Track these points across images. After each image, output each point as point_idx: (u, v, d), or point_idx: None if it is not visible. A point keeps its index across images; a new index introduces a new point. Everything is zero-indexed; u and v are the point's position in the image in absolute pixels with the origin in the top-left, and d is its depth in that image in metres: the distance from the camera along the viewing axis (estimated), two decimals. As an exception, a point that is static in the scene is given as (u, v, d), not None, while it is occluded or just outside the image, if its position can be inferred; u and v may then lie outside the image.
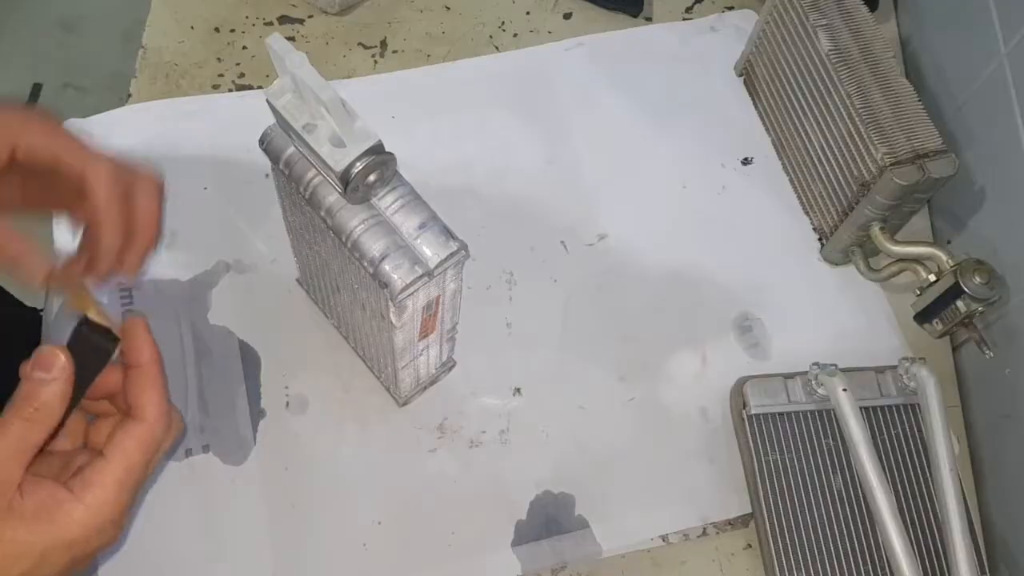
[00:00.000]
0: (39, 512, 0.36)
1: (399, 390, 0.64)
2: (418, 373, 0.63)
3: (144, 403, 0.40)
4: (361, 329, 0.61)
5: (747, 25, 0.85)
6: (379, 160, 0.48)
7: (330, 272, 0.59)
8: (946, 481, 0.61)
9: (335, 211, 0.50)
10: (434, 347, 0.61)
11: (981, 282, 0.63)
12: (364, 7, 0.86)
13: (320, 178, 0.50)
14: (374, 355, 0.63)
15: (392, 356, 0.58)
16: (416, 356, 0.60)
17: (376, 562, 0.61)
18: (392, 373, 0.62)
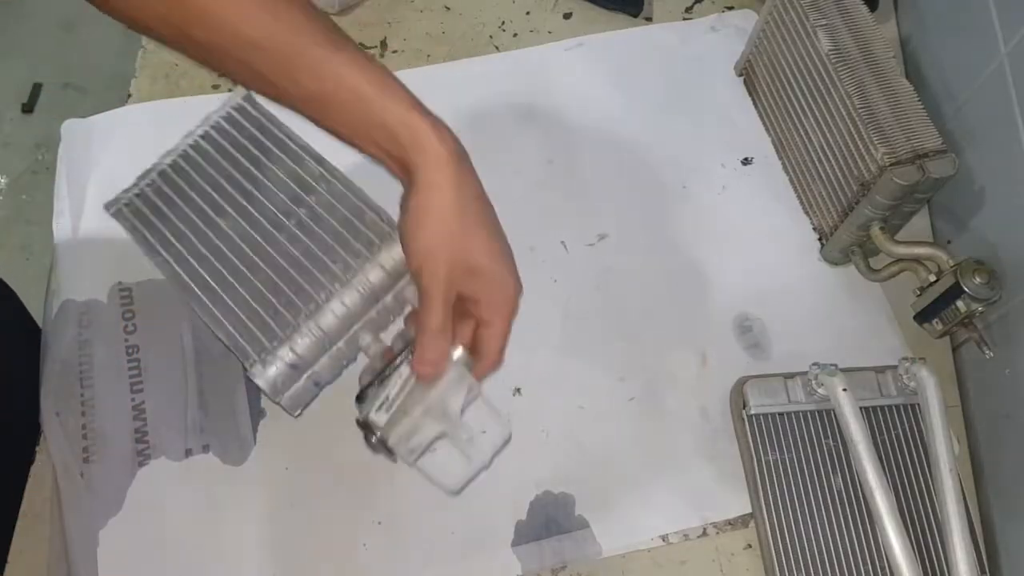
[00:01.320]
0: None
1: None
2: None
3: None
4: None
5: (747, 25, 0.85)
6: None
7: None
8: (946, 481, 0.61)
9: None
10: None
11: (981, 282, 0.63)
12: (364, 7, 0.86)
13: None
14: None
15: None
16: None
17: (376, 562, 0.61)
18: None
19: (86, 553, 0.60)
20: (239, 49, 0.46)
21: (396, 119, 0.46)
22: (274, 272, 0.57)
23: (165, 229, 0.63)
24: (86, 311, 0.68)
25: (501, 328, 0.50)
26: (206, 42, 0.46)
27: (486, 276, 0.49)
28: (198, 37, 0.46)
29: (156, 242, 0.62)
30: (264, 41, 0.46)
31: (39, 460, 0.63)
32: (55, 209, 0.73)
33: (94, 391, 0.65)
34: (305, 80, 0.46)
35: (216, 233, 0.62)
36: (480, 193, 0.49)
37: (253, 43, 0.46)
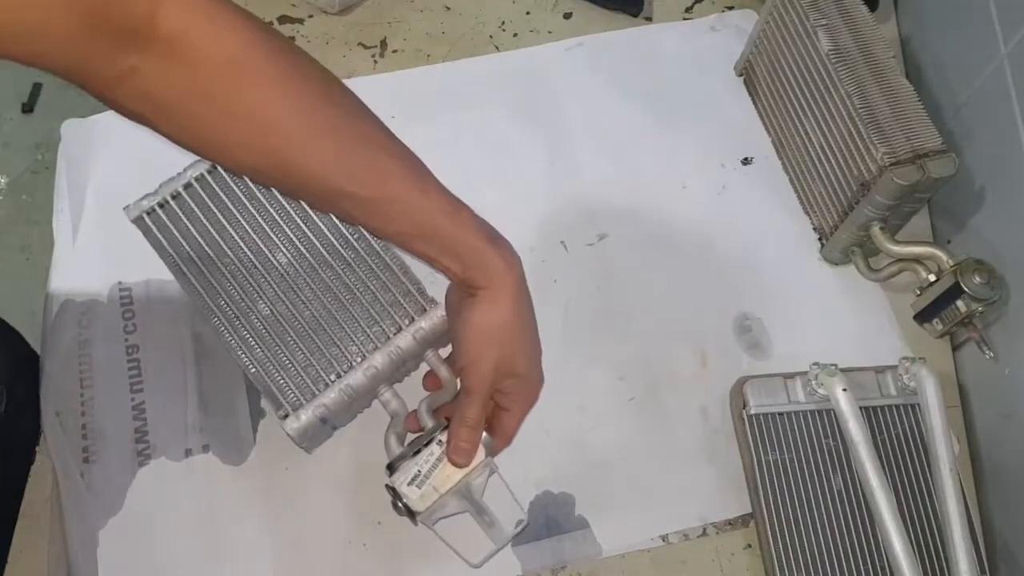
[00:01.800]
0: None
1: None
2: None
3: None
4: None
5: (747, 25, 0.85)
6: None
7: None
8: (946, 481, 0.61)
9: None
10: None
11: (981, 282, 0.63)
12: (364, 7, 0.86)
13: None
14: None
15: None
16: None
17: (376, 562, 0.61)
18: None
19: (86, 553, 0.60)
20: (331, 195, 0.48)
21: (469, 249, 0.51)
22: (308, 325, 0.60)
23: (191, 249, 0.62)
24: (86, 311, 0.68)
25: (520, 415, 0.57)
26: (298, 188, 0.49)
27: (521, 378, 0.55)
28: (290, 184, 0.49)
29: (179, 259, 0.62)
30: (355, 189, 0.48)
31: (39, 460, 0.63)
32: (55, 209, 0.73)
33: (94, 391, 0.65)
34: (395, 222, 0.50)
35: (248, 268, 0.61)
36: (531, 311, 0.55)
37: (344, 192, 0.48)
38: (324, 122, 0.46)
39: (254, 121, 0.45)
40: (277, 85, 0.44)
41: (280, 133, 0.45)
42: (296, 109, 0.45)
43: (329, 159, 0.47)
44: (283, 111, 0.45)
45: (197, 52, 0.42)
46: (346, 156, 0.47)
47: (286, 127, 0.45)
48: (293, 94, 0.45)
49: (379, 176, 0.49)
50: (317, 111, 0.46)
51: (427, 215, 0.50)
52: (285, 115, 0.45)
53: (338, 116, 0.47)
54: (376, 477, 0.63)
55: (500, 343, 0.53)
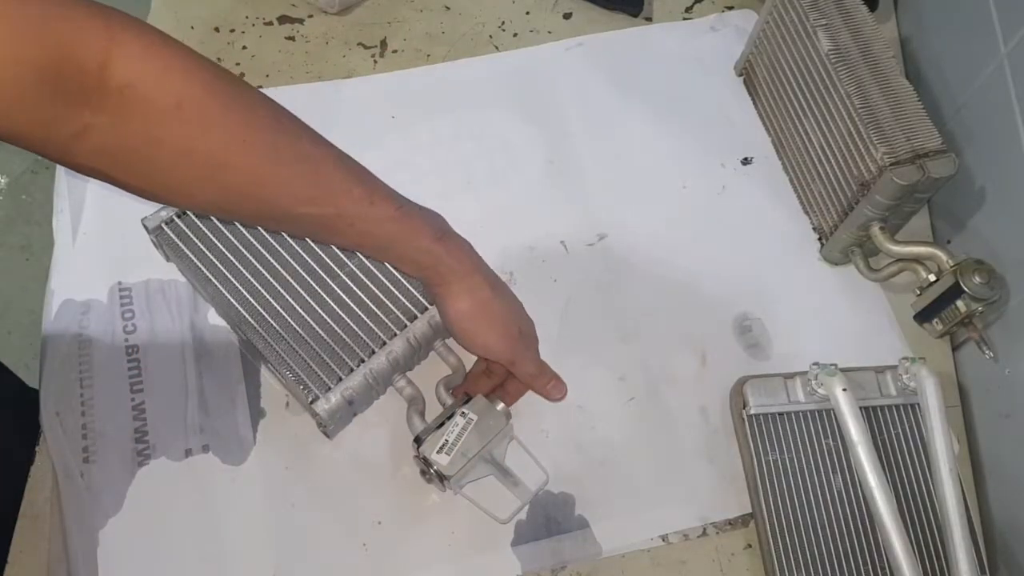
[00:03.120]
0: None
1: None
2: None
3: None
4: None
5: (747, 25, 0.85)
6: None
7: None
8: (946, 481, 0.61)
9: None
10: None
11: (981, 282, 0.63)
12: (364, 7, 0.86)
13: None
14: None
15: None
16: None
17: (376, 562, 0.61)
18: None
19: (86, 553, 0.60)
20: (286, 219, 0.51)
21: (420, 252, 0.56)
22: (331, 318, 0.63)
23: (212, 255, 0.65)
24: (86, 311, 0.68)
25: (522, 383, 0.64)
26: (253, 216, 0.54)
27: (523, 331, 0.62)
28: (247, 212, 0.51)
29: (204, 267, 0.64)
30: (307, 210, 0.51)
31: (39, 460, 0.63)
32: (55, 209, 0.73)
33: (94, 391, 0.65)
34: (348, 235, 0.53)
35: (267, 269, 0.65)
36: (493, 294, 0.59)
37: (297, 215, 0.51)
38: (273, 150, 0.48)
39: (207, 160, 0.45)
40: (224, 121, 0.45)
41: (232, 168, 0.46)
42: (245, 142, 0.46)
43: (280, 185, 0.49)
44: (233, 146, 0.46)
45: (146, 100, 0.42)
46: (296, 180, 0.49)
47: (237, 161, 0.46)
48: (241, 127, 0.46)
49: (328, 194, 0.51)
50: (265, 141, 0.47)
51: (377, 224, 0.53)
52: (235, 150, 0.46)
53: (286, 143, 0.49)
54: (376, 477, 0.64)
55: (475, 331, 0.59)
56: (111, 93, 0.41)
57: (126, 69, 0.41)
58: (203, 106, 0.44)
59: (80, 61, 0.39)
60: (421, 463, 0.60)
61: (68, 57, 0.39)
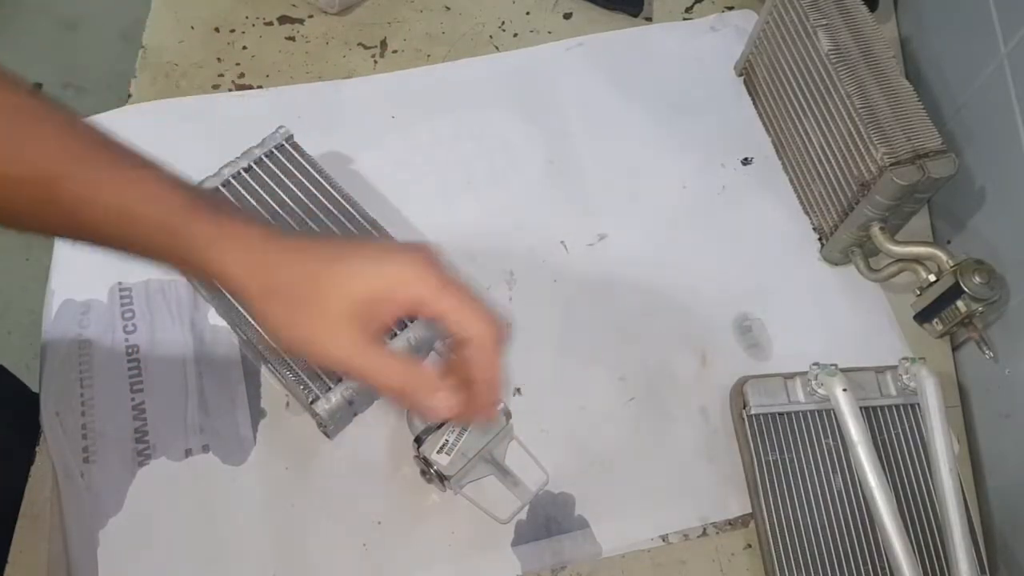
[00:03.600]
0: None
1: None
2: None
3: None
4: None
5: (747, 25, 0.85)
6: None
7: None
8: (946, 481, 0.61)
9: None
10: None
11: (981, 282, 0.63)
12: (364, 7, 0.86)
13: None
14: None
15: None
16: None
17: (376, 562, 0.61)
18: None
19: (86, 553, 0.60)
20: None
21: (163, 229, 0.42)
22: None
23: None
24: (86, 311, 0.68)
25: (446, 304, 0.44)
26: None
27: (383, 289, 0.44)
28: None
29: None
30: (17, 173, 0.40)
31: (39, 460, 0.63)
32: (55, 209, 0.72)
33: (94, 391, 0.65)
34: (63, 207, 0.42)
35: None
36: (291, 251, 0.44)
37: (11, 178, 0.41)
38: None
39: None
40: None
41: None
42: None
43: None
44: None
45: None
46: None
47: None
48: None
49: (42, 155, 0.41)
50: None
51: (98, 188, 0.41)
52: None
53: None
54: (376, 477, 0.64)
55: (302, 312, 0.43)
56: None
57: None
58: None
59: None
60: (421, 463, 0.60)
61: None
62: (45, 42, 1.84)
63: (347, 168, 0.75)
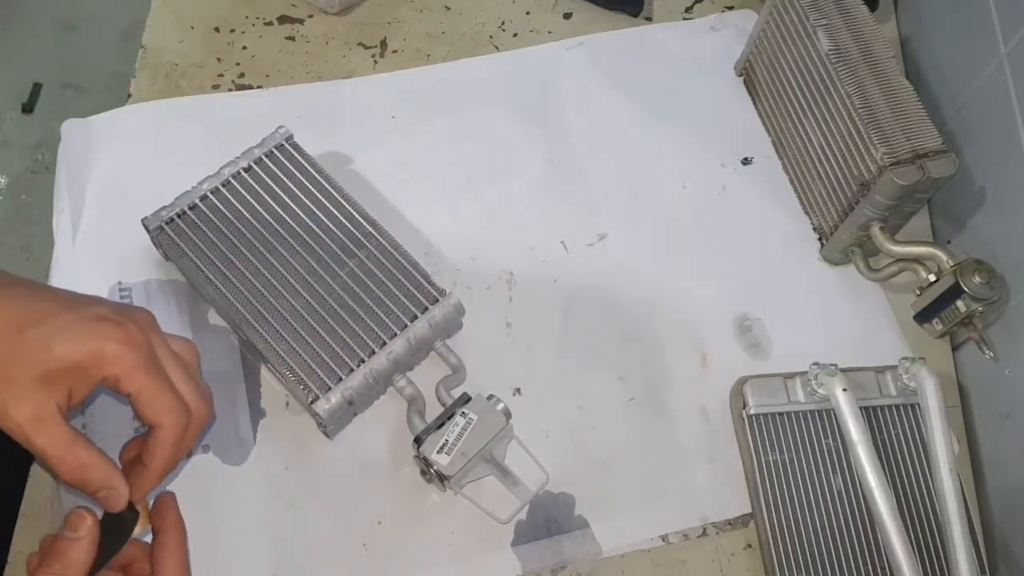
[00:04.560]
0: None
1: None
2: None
3: (167, 568, 0.44)
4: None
5: (747, 25, 0.85)
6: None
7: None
8: (946, 481, 0.61)
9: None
10: None
11: (981, 282, 0.63)
12: (364, 7, 0.86)
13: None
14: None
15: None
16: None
17: (376, 562, 0.61)
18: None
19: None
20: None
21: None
22: (331, 318, 0.63)
23: (212, 255, 0.65)
24: (86, 311, 0.68)
25: (139, 384, 0.44)
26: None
27: (73, 364, 0.42)
28: None
29: (204, 267, 0.65)
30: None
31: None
32: (55, 209, 0.72)
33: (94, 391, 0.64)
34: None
35: (267, 269, 0.65)
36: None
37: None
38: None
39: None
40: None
41: None
42: None
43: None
44: None
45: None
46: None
47: None
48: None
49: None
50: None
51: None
52: None
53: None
54: (376, 477, 0.64)
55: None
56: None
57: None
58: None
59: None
60: (421, 463, 0.60)
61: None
62: (45, 42, 1.84)
63: (347, 168, 0.75)
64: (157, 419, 0.44)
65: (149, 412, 0.44)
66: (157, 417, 0.44)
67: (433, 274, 0.67)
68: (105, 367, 0.43)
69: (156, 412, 0.44)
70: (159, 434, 0.45)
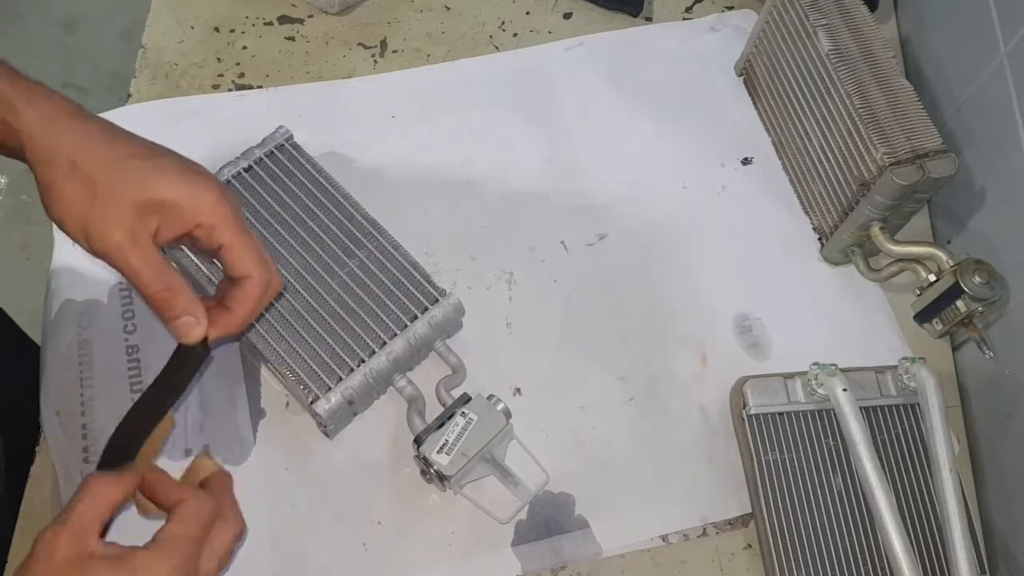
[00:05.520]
0: (120, 557, 0.42)
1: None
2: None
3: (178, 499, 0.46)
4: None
5: (747, 25, 0.85)
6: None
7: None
8: (946, 481, 0.61)
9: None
10: None
11: (981, 282, 0.63)
12: (364, 7, 0.86)
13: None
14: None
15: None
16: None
17: (376, 562, 0.61)
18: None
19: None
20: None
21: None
22: (331, 318, 0.63)
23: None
24: (86, 311, 0.68)
25: (230, 238, 0.46)
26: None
27: (172, 203, 0.44)
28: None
29: (204, 267, 0.65)
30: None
31: (39, 460, 0.63)
32: (55, 209, 0.72)
33: (94, 391, 0.65)
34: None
35: None
36: (101, 135, 0.45)
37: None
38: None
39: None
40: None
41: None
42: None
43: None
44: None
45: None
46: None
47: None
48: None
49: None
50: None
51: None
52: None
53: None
54: (376, 477, 0.64)
55: (91, 199, 0.43)
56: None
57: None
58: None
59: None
60: (421, 463, 0.60)
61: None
62: (45, 42, 1.84)
63: (347, 168, 0.75)
64: (247, 271, 0.46)
65: (239, 264, 0.46)
66: (247, 269, 0.46)
67: (433, 274, 0.67)
68: (201, 214, 0.44)
69: (246, 265, 0.46)
70: (248, 284, 0.47)
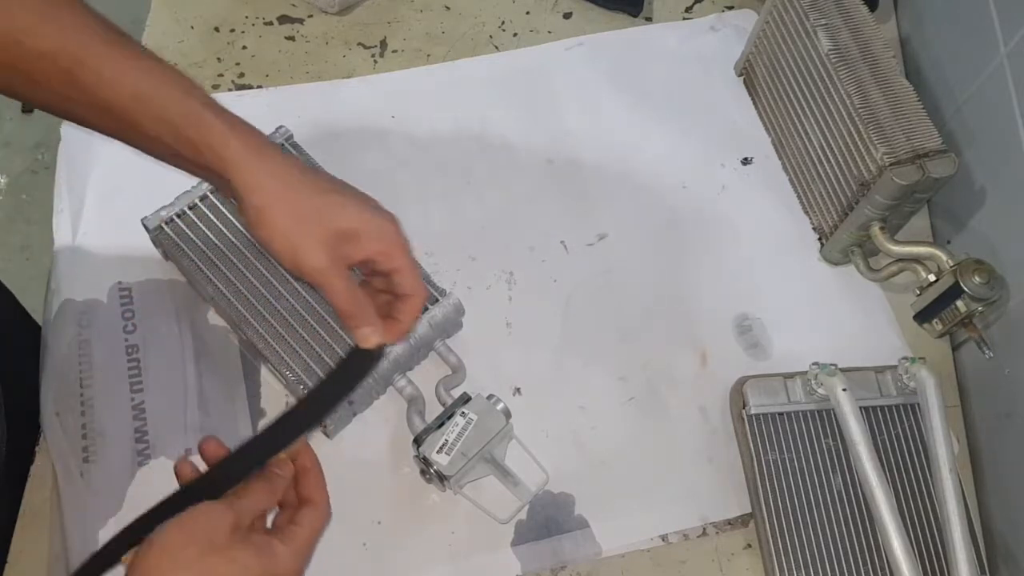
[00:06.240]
0: (262, 546, 0.47)
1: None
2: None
3: (317, 495, 0.51)
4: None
5: (747, 25, 0.85)
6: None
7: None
8: (946, 481, 0.61)
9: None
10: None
11: (981, 282, 0.63)
12: (364, 7, 0.86)
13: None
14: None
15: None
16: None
17: (376, 562, 0.61)
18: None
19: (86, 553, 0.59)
20: (27, 62, 0.45)
21: (178, 113, 0.46)
22: (330, 317, 0.63)
23: (212, 255, 0.65)
24: (86, 311, 0.68)
25: (403, 263, 0.52)
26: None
27: (360, 231, 0.50)
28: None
29: (204, 266, 0.65)
30: (49, 49, 0.45)
31: (39, 460, 0.63)
32: (55, 209, 0.73)
33: (94, 391, 0.65)
34: (89, 85, 0.46)
35: (267, 269, 0.65)
36: (298, 168, 0.50)
37: (40, 53, 0.45)
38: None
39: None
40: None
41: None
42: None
43: (21, 17, 0.45)
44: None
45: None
46: (38, 18, 0.45)
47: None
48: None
49: (72, 31, 0.46)
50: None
51: (122, 70, 0.46)
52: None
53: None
54: (376, 477, 0.64)
55: (298, 221, 0.49)
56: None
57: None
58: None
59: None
60: (421, 463, 0.60)
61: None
62: (45, 42, 1.83)
63: (347, 168, 0.75)
64: (414, 289, 0.53)
65: (407, 284, 0.52)
66: (414, 288, 0.53)
67: (433, 274, 0.67)
68: (377, 242, 0.51)
69: (413, 285, 0.53)
70: (413, 300, 0.53)
